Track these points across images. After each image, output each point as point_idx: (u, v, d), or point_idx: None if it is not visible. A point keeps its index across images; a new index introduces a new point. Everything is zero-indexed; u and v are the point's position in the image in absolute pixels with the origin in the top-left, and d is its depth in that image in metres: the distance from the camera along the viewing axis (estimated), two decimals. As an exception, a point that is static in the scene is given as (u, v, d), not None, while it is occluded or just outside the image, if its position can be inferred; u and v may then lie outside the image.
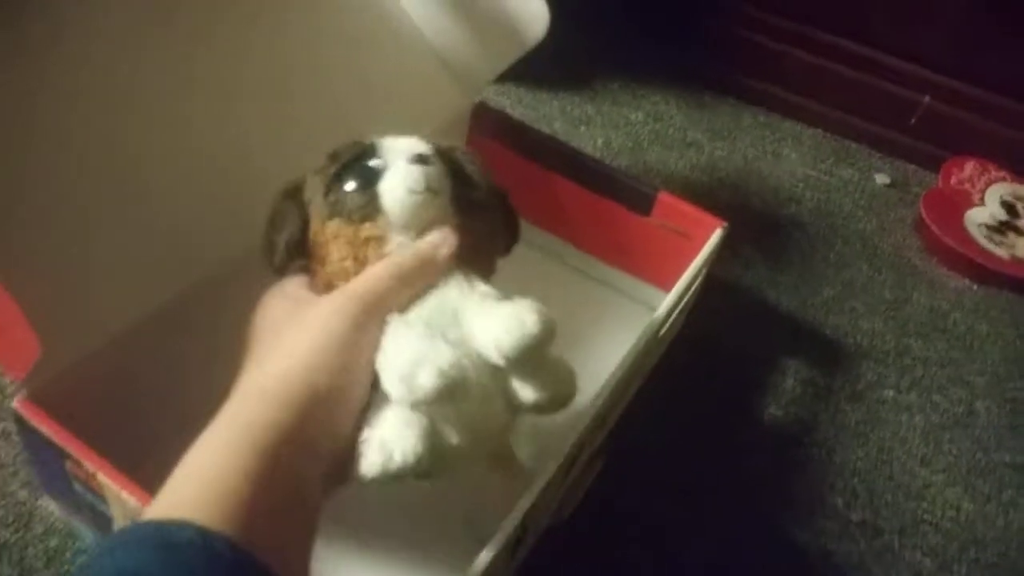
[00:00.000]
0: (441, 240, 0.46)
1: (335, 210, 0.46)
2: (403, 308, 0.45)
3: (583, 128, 1.05)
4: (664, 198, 0.74)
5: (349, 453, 0.41)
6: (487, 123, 0.80)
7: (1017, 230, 1.04)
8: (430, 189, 0.45)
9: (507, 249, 0.56)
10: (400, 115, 0.74)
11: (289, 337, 0.42)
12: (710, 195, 1.00)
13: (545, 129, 0.93)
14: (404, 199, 0.45)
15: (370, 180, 0.45)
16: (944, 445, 0.79)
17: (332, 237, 0.46)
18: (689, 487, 0.71)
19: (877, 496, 0.73)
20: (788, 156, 1.10)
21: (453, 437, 0.44)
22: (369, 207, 0.45)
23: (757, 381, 0.80)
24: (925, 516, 0.73)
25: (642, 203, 0.76)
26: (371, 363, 0.42)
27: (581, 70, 1.14)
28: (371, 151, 0.47)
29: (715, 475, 0.72)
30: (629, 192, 0.76)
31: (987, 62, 1.06)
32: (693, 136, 1.09)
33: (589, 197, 0.78)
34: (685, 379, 0.78)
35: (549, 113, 1.06)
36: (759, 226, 0.99)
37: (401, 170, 0.45)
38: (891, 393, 0.83)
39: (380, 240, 0.45)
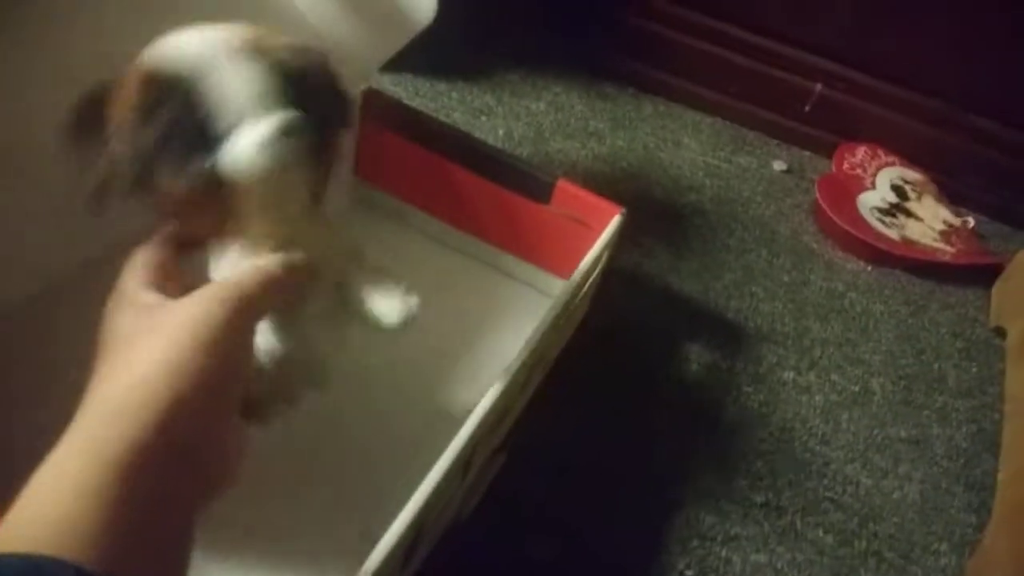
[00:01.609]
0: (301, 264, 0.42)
1: (175, 173, 0.37)
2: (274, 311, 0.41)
3: (484, 118, 1.04)
4: (563, 186, 0.73)
5: (228, 461, 0.38)
6: (379, 111, 0.77)
7: (907, 212, 1.08)
8: (292, 163, 0.38)
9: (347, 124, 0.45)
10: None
11: (144, 344, 0.37)
12: (612, 184, 1.00)
13: (444, 120, 0.91)
14: (263, 178, 0.37)
15: (209, 147, 0.36)
16: (843, 423, 0.81)
17: (181, 201, 0.38)
18: (594, 476, 0.70)
19: (780, 476, 0.74)
20: (688, 145, 1.11)
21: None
22: (213, 183, 0.37)
23: (660, 367, 0.80)
24: (826, 494, 0.74)
25: (541, 191, 0.74)
26: (243, 369, 0.38)
27: (481, 61, 1.12)
28: (194, 94, 0.36)
29: (619, 463, 0.71)
30: (527, 180, 0.74)
31: (876, 51, 1.09)
32: (595, 126, 1.09)
33: (487, 186, 0.76)
34: (588, 368, 0.77)
35: (448, 104, 1.04)
36: (660, 214, 0.99)
37: (257, 149, 0.36)
38: (791, 375, 0.84)
39: (242, 212, 0.39)
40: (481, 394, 0.53)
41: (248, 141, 0.36)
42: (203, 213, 0.39)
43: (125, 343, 0.37)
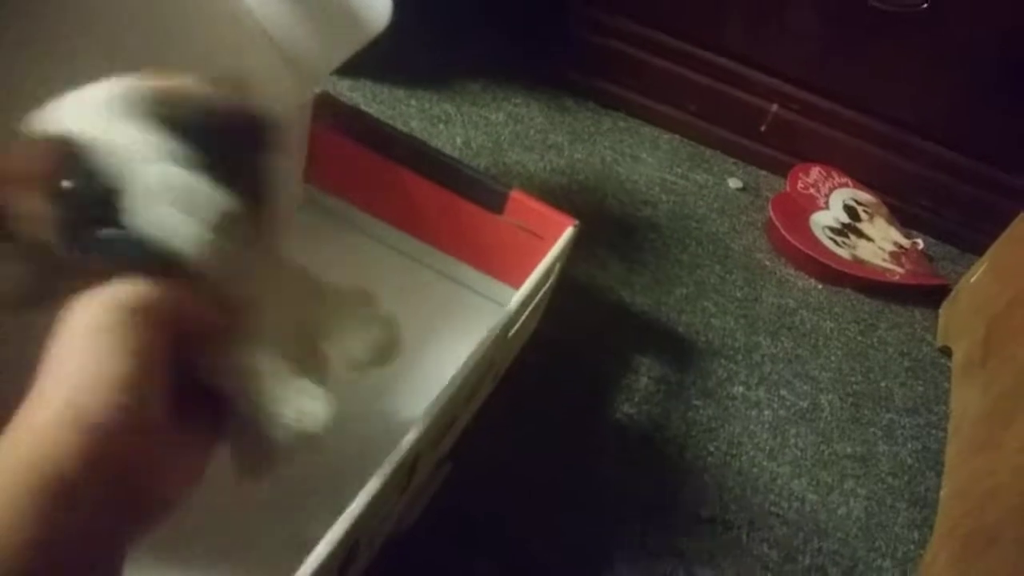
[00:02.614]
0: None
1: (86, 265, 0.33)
2: None
3: (442, 127, 1.03)
4: (516, 196, 0.73)
5: (165, 486, 0.35)
6: (331, 115, 0.76)
7: (858, 232, 1.09)
8: (213, 224, 0.34)
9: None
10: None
11: (55, 357, 0.33)
12: (568, 197, 1.00)
13: (402, 127, 0.91)
14: (194, 244, 0.34)
15: (114, 219, 0.32)
16: (790, 439, 0.81)
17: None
18: (540, 490, 0.69)
19: (726, 491, 0.74)
20: (646, 160, 1.11)
21: None
22: (135, 253, 0.33)
23: (611, 380, 0.80)
24: (772, 508, 0.74)
25: (494, 201, 0.74)
26: (161, 379, 0.34)
27: (441, 70, 1.12)
28: (92, 162, 0.32)
29: (567, 477, 0.71)
30: (481, 190, 0.74)
31: (832, 74, 1.11)
32: (553, 139, 1.09)
33: (441, 193, 0.75)
34: (539, 379, 0.76)
35: (407, 111, 1.03)
36: (615, 228, 0.99)
37: (168, 217, 0.33)
38: (741, 389, 0.84)
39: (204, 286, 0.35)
40: (428, 403, 0.53)
41: (150, 211, 0.33)
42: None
43: (52, 362, 0.34)
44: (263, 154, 0.38)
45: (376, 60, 0.73)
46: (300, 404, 0.38)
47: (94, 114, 0.34)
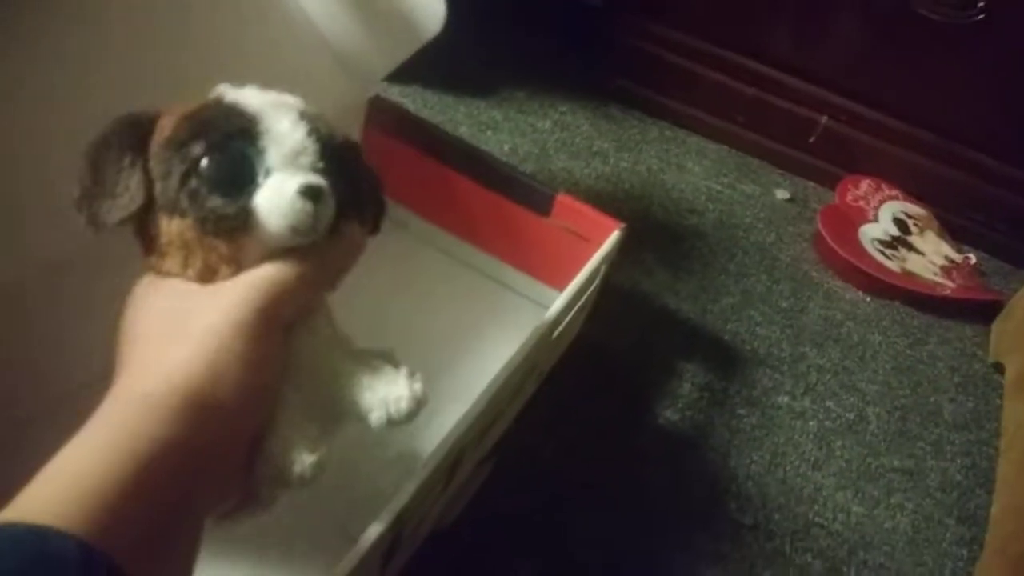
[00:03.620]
0: (350, 250, 0.41)
1: (189, 210, 0.36)
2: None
3: (489, 133, 1.04)
4: (563, 199, 0.73)
5: (241, 469, 0.37)
6: (384, 118, 0.78)
7: (908, 245, 1.08)
8: (315, 229, 0.37)
9: (375, 230, 0.46)
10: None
11: (179, 336, 0.35)
12: (614, 204, 1.00)
13: (451, 132, 0.92)
14: (283, 235, 0.36)
15: (242, 184, 0.36)
16: (836, 450, 0.80)
17: (179, 240, 0.36)
18: (581, 492, 0.69)
19: (770, 500, 0.73)
20: (692, 169, 1.11)
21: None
22: (235, 221, 0.36)
23: (655, 386, 0.80)
24: (816, 519, 0.73)
25: (541, 203, 0.74)
26: (276, 371, 0.37)
27: (490, 77, 1.13)
28: (248, 136, 0.36)
29: (609, 480, 0.71)
30: (528, 192, 0.75)
31: (882, 85, 1.10)
32: (599, 146, 1.09)
33: (488, 195, 0.76)
34: (582, 383, 0.76)
35: (455, 117, 1.05)
36: (661, 235, 0.99)
37: (287, 200, 0.36)
38: (786, 399, 0.83)
39: (237, 262, 0.37)
40: (471, 401, 0.53)
41: (274, 191, 0.36)
42: (200, 256, 0.37)
43: (158, 331, 0.36)
44: (367, 219, 0.43)
45: (426, 67, 0.74)
46: (300, 453, 0.38)
47: (246, 98, 0.38)
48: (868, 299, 1.00)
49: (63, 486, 0.30)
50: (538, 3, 1.28)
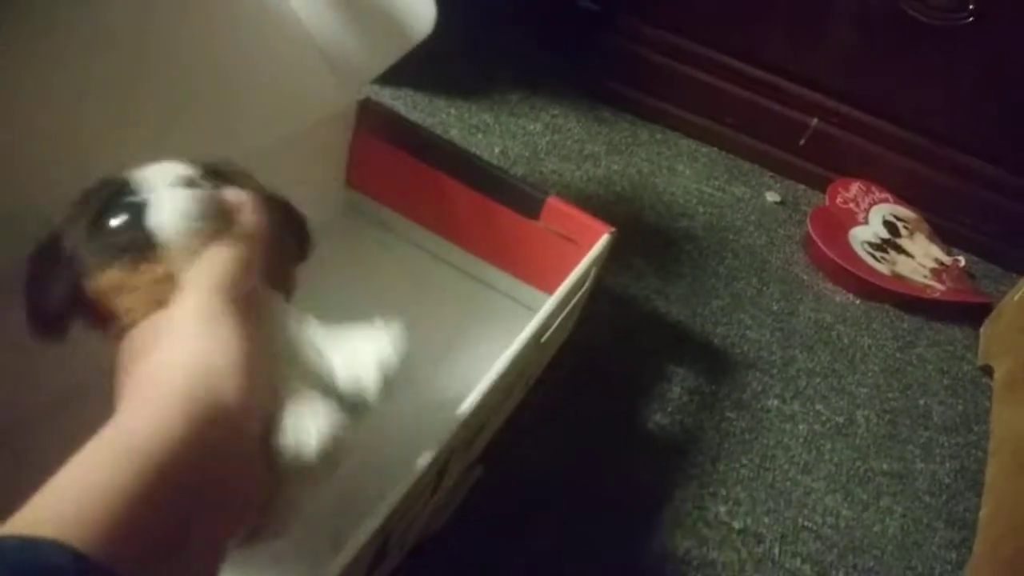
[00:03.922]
0: (249, 205, 0.42)
1: (106, 258, 0.39)
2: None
3: (480, 136, 1.04)
4: (552, 203, 0.73)
5: (254, 486, 0.37)
6: (374, 120, 0.77)
7: (898, 248, 1.08)
8: (204, 215, 0.40)
9: (303, 256, 0.50)
10: (281, 109, 0.72)
11: (165, 352, 0.36)
12: (605, 207, 1.00)
13: (442, 135, 0.92)
14: (180, 225, 0.39)
15: (136, 216, 0.39)
16: (825, 453, 0.80)
17: (114, 289, 0.39)
18: (571, 496, 0.69)
19: (759, 504, 0.73)
20: (683, 172, 1.11)
21: None
22: (144, 244, 0.39)
23: (644, 389, 0.79)
24: (805, 523, 0.73)
25: (531, 207, 0.74)
26: (262, 349, 0.38)
27: (481, 80, 1.13)
28: (126, 187, 0.40)
29: (598, 484, 0.71)
30: (518, 195, 0.75)
31: (873, 88, 1.10)
32: (591, 149, 1.09)
33: (477, 198, 0.76)
34: (572, 387, 0.76)
35: (446, 120, 1.04)
36: (652, 238, 0.99)
37: (167, 197, 0.39)
38: (775, 402, 0.83)
39: (169, 276, 0.39)
40: (459, 405, 0.53)
41: (155, 199, 0.39)
42: (142, 288, 0.39)
43: (145, 350, 0.37)
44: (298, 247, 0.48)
45: (417, 70, 0.74)
46: (302, 425, 0.39)
47: (142, 172, 0.41)
48: (858, 302, 1.01)
49: (65, 498, 0.29)
50: (530, 6, 1.28)
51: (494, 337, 0.73)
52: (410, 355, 0.46)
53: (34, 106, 0.52)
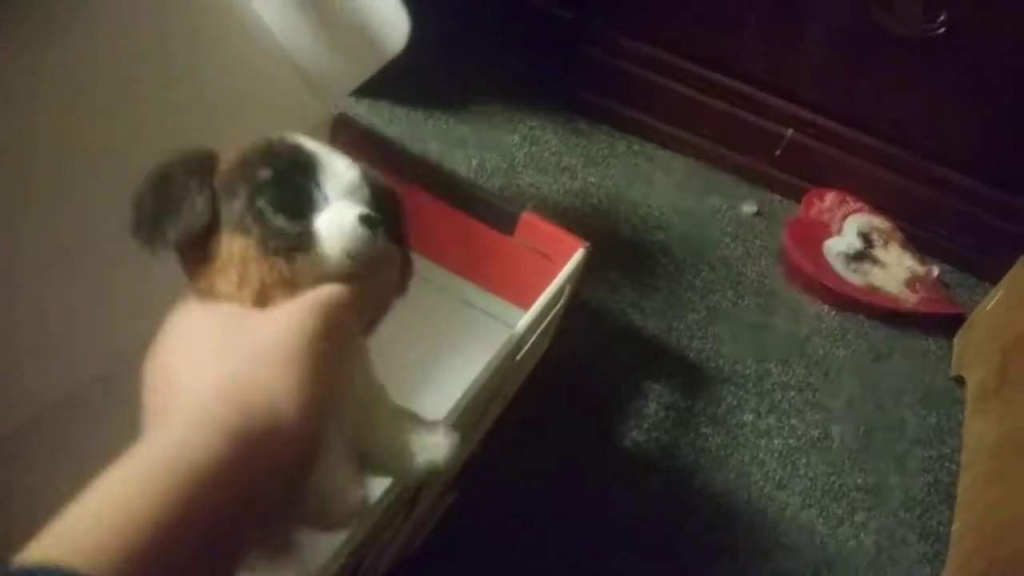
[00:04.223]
0: (394, 261, 0.42)
1: (254, 228, 0.37)
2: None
3: (457, 149, 1.04)
4: (527, 218, 0.73)
5: (300, 493, 0.35)
6: (348, 135, 0.77)
7: (872, 259, 1.09)
8: (367, 257, 0.39)
9: (404, 289, 0.47)
10: (255, 123, 0.71)
11: (232, 359, 0.34)
12: (581, 220, 1.00)
13: (419, 149, 0.91)
14: (340, 261, 0.38)
15: (304, 209, 0.38)
16: (800, 468, 0.80)
17: (241, 259, 0.37)
18: (548, 515, 0.69)
19: (734, 521, 0.73)
20: (659, 183, 1.11)
21: None
22: (297, 241, 0.37)
23: (621, 407, 0.79)
24: (781, 539, 0.73)
25: (505, 223, 0.74)
26: (331, 395, 0.36)
27: (459, 93, 1.13)
28: (310, 168, 0.39)
29: (576, 502, 0.71)
30: (492, 211, 0.74)
31: (847, 99, 1.11)
32: (568, 161, 1.09)
33: (452, 214, 0.75)
34: (548, 403, 0.76)
35: (423, 133, 1.04)
36: (628, 252, 0.99)
37: (348, 227, 0.38)
38: (751, 417, 0.83)
39: (293, 285, 0.37)
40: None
41: (336, 216, 0.38)
42: (257, 276, 0.37)
43: (211, 352, 0.35)
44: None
45: (394, 82, 0.74)
46: (348, 493, 0.41)
47: (326, 150, 0.40)
48: (833, 313, 1.01)
49: (89, 523, 0.27)
50: (508, 18, 1.28)
51: (470, 353, 0.73)
52: (384, 372, 0.46)
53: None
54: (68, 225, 0.57)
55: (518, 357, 0.65)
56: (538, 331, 0.68)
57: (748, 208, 1.14)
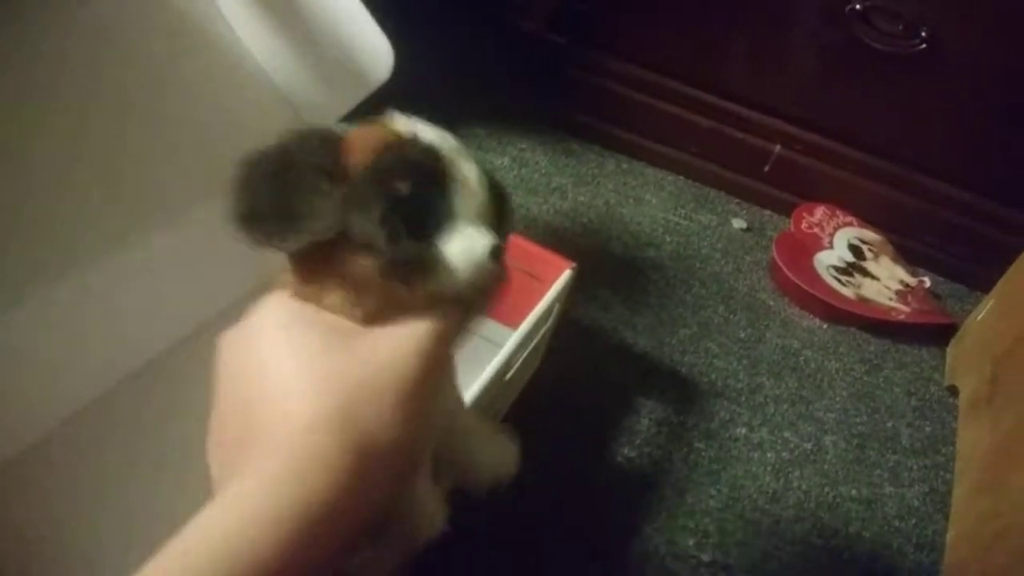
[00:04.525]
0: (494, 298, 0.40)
1: (384, 248, 0.33)
2: None
3: (447, 172, 1.05)
4: (514, 240, 0.74)
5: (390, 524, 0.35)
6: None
7: (863, 271, 1.09)
8: (488, 279, 0.36)
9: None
10: (246, 150, 0.73)
11: (340, 381, 0.31)
12: (572, 239, 1.01)
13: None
14: (461, 286, 0.35)
15: (434, 230, 0.35)
16: (793, 481, 0.80)
17: (361, 277, 0.34)
18: (541, 533, 0.69)
19: (728, 535, 0.73)
20: (649, 201, 1.12)
21: None
22: (425, 267, 0.34)
23: (612, 423, 0.80)
24: (775, 553, 0.73)
25: (493, 244, 0.75)
26: (432, 422, 0.36)
27: (447, 115, 1.13)
28: (446, 182, 0.35)
29: (568, 519, 0.71)
30: (480, 233, 0.75)
31: (834, 114, 1.12)
32: (558, 182, 1.10)
33: (440, 238, 0.76)
34: (540, 421, 0.76)
35: (412, 157, 1.05)
36: (619, 270, 1.00)
37: (479, 256, 0.35)
38: (743, 431, 0.84)
39: (406, 307, 0.35)
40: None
41: (468, 244, 0.35)
42: (375, 296, 0.35)
43: (317, 372, 0.32)
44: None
45: (384, 107, 0.74)
46: (432, 510, 0.41)
47: (453, 148, 0.36)
48: (824, 326, 1.02)
49: (194, 561, 0.26)
50: (499, 41, 1.29)
51: (460, 373, 0.73)
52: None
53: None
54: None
55: (507, 376, 0.66)
56: (527, 350, 0.69)
57: (738, 224, 1.14)
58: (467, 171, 0.36)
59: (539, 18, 1.22)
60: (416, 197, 0.34)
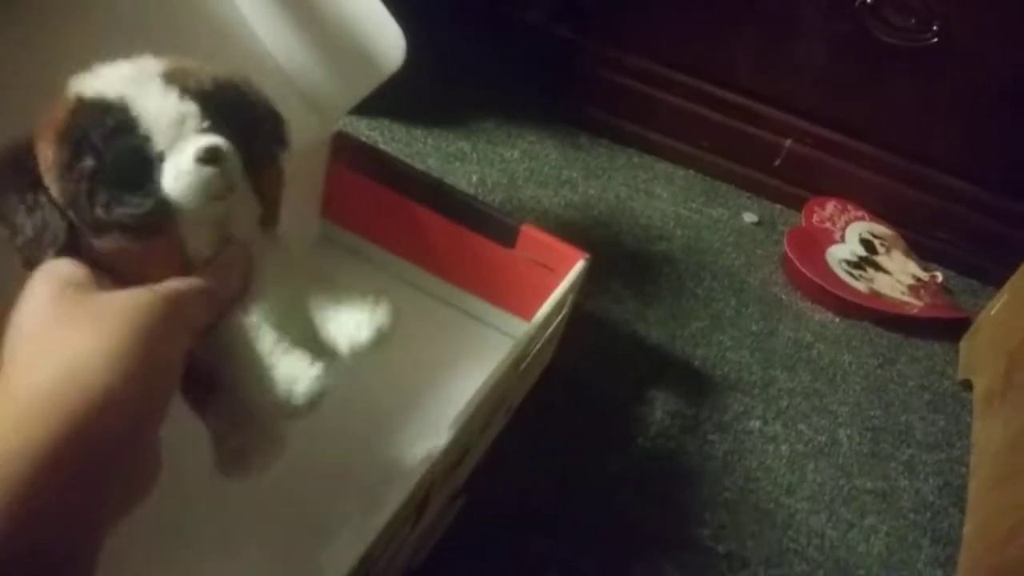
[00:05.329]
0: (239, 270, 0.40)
1: (110, 219, 0.34)
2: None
3: (458, 164, 1.04)
4: (528, 231, 0.74)
5: (146, 471, 0.35)
6: (348, 153, 0.78)
7: (875, 265, 1.09)
8: (230, 188, 0.36)
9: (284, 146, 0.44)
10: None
11: (75, 330, 0.33)
12: (583, 232, 1.00)
13: (419, 165, 0.92)
14: (204, 207, 0.35)
15: (146, 175, 0.34)
16: (808, 474, 0.80)
17: (116, 254, 0.35)
18: (555, 524, 0.69)
19: (743, 527, 0.73)
20: (660, 195, 1.12)
21: None
22: (158, 214, 0.35)
23: (626, 414, 0.79)
24: (790, 545, 0.73)
25: (506, 235, 0.75)
26: (175, 374, 0.36)
27: (456, 109, 1.14)
28: (125, 122, 0.34)
29: (582, 511, 0.70)
30: (493, 224, 0.75)
31: (845, 108, 1.12)
32: (568, 175, 1.10)
33: (454, 229, 0.76)
34: (553, 413, 0.76)
35: (423, 149, 1.05)
36: (630, 262, 0.99)
37: (190, 173, 0.34)
38: (757, 424, 0.83)
39: (177, 251, 0.37)
40: (440, 436, 0.53)
41: (175, 170, 0.35)
42: (142, 258, 0.36)
43: (50, 327, 0.34)
44: (272, 147, 0.41)
45: (394, 100, 0.74)
46: (292, 371, 0.38)
47: (120, 80, 0.36)
48: (837, 320, 1.01)
49: None
50: (507, 35, 1.29)
51: (473, 365, 0.73)
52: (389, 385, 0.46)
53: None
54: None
55: (522, 367, 0.66)
56: (541, 341, 0.69)
57: (749, 218, 1.14)
58: (146, 100, 0.35)
59: (547, 11, 1.22)
60: (107, 161, 0.34)
